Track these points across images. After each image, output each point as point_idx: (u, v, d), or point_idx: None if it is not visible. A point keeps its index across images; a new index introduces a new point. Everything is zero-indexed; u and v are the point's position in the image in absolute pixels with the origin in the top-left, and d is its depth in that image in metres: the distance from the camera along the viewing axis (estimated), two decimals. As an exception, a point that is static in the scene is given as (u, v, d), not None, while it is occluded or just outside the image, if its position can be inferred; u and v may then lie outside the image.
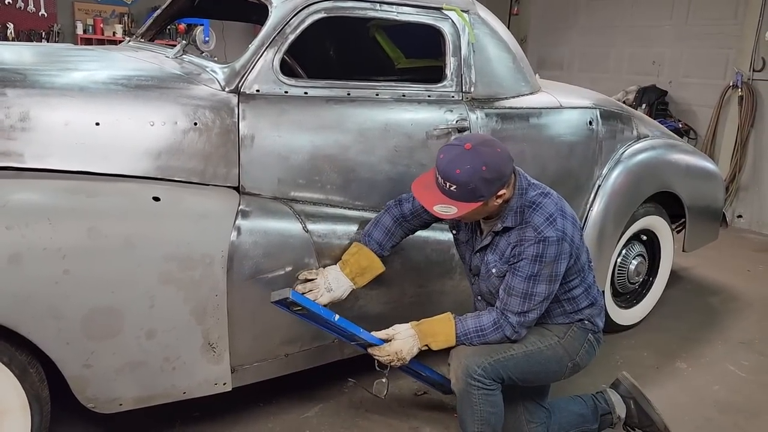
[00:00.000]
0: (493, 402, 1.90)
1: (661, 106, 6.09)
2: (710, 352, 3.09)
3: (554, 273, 1.86)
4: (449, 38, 2.43)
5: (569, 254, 1.88)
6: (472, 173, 1.78)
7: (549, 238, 1.83)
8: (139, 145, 1.90)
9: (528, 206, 1.90)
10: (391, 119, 2.30)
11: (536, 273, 1.84)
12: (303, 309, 1.90)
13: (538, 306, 1.88)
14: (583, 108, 2.90)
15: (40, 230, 1.64)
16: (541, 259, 1.84)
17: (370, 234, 2.13)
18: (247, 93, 2.04)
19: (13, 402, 1.71)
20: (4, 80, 1.82)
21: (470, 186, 1.79)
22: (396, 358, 1.94)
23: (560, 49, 7.35)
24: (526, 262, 1.85)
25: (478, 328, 1.91)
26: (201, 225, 1.90)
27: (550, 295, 1.89)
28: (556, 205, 1.90)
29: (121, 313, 1.76)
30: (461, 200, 1.82)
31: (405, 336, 1.95)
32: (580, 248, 1.96)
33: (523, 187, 1.93)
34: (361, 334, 1.97)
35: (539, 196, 1.92)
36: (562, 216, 1.88)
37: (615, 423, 2.23)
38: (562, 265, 1.87)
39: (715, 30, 5.78)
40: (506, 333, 1.89)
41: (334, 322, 1.94)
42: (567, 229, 1.87)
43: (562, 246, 1.85)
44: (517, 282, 1.87)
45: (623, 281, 3.14)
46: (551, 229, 1.84)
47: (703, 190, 3.46)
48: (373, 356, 1.99)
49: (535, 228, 1.86)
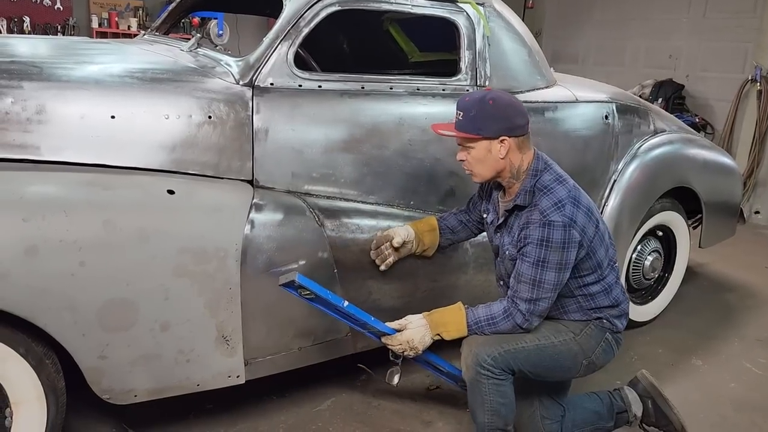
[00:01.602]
0: (503, 392, 1.89)
1: (677, 100, 6.02)
2: (726, 349, 3.06)
3: (563, 261, 1.84)
4: (464, 31, 2.41)
5: (579, 244, 1.85)
6: (478, 101, 1.87)
7: (554, 222, 1.82)
8: (154, 138, 1.91)
9: (539, 189, 1.90)
10: (406, 113, 2.29)
11: (543, 258, 1.83)
12: (311, 293, 1.90)
13: (548, 294, 1.86)
14: (599, 102, 2.87)
15: (57, 223, 1.65)
16: (546, 243, 1.82)
17: (444, 218, 2.28)
18: (261, 86, 2.04)
19: (30, 393, 1.73)
20: (21, 73, 1.83)
21: (472, 113, 1.86)
22: (408, 347, 1.95)
23: (575, 43, 7.29)
24: (532, 247, 1.84)
25: (488, 317, 1.91)
26: (215, 218, 1.90)
27: (559, 284, 1.87)
28: (569, 193, 1.89)
29: (136, 306, 1.77)
30: (461, 129, 1.89)
31: (417, 325, 1.96)
32: (596, 243, 1.92)
33: (538, 169, 1.93)
34: (373, 322, 1.98)
35: (553, 182, 1.91)
36: (574, 204, 1.86)
37: (631, 421, 2.20)
38: (571, 254, 1.85)
39: (733, 23, 5.70)
40: (517, 321, 1.88)
41: (343, 307, 1.94)
42: (577, 217, 1.85)
43: (569, 232, 1.82)
44: (525, 268, 1.86)
45: (638, 277, 3.12)
46: (557, 214, 1.83)
47: (720, 185, 3.42)
48: (386, 345, 2.00)
49: (541, 211, 1.85)
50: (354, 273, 2.19)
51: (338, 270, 2.15)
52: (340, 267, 2.15)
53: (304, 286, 1.88)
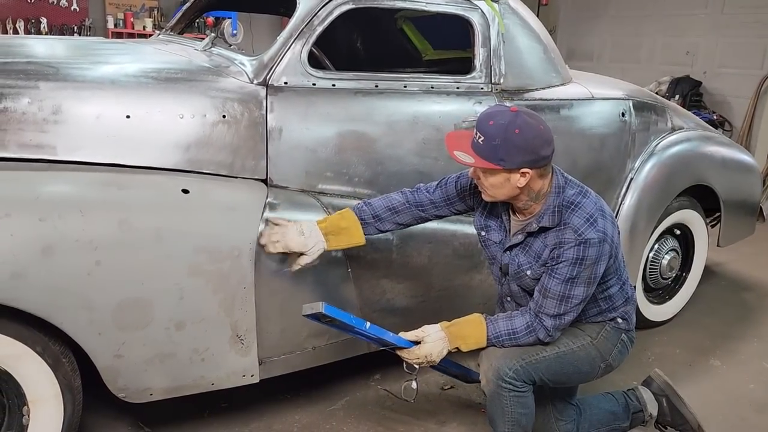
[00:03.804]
0: (524, 403, 1.86)
1: (695, 97, 5.95)
2: (745, 349, 3.01)
3: (593, 275, 1.79)
4: (478, 28, 2.39)
5: (609, 255, 1.81)
6: (503, 130, 1.71)
7: (590, 240, 1.75)
8: (169, 138, 1.91)
9: (567, 206, 1.81)
10: (420, 111, 2.28)
11: (575, 276, 1.77)
12: (335, 320, 1.84)
13: (574, 309, 1.81)
14: (616, 99, 2.84)
15: (73, 222, 1.66)
16: (581, 261, 1.76)
17: (370, 203, 2.02)
18: (275, 85, 2.04)
19: (47, 391, 1.74)
20: (37, 73, 1.84)
21: (495, 141, 1.70)
22: (426, 362, 1.89)
23: (590, 40, 7.23)
24: (565, 265, 1.77)
25: (510, 331, 1.85)
26: (229, 217, 1.90)
27: (587, 298, 1.83)
28: (596, 205, 1.82)
29: (151, 305, 1.78)
30: (482, 155, 1.74)
31: (435, 339, 1.87)
32: (618, 246, 1.89)
33: (560, 185, 1.83)
34: (392, 338, 1.91)
35: (577, 195, 1.83)
36: (602, 216, 1.80)
37: (647, 421, 2.18)
38: (602, 267, 1.80)
39: (752, 19, 5.62)
40: (540, 336, 1.83)
41: (365, 330, 1.89)
42: (608, 229, 1.79)
43: (603, 247, 1.77)
44: (554, 284, 1.79)
45: (655, 276, 3.08)
46: (592, 231, 1.76)
47: (739, 183, 3.37)
48: (403, 359, 1.92)
49: (575, 230, 1.77)
50: (368, 272, 2.19)
51: (352, 269, 2.15)
52: (354, 266, 2.15)
53: (329, 316, 1.80)
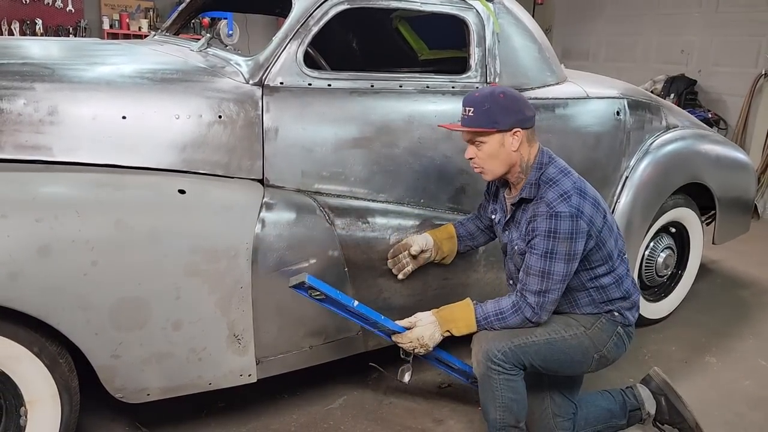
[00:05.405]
0: (514, 388, 1.89)
1: (689, 95, 5.97)
2: (741, 346, 3.02)
3: (572, 251, 1.84)
4: (473, 28, 2.40)
5: (588, 234, 1.86)
6: (489, 96, 1.88)
7: (561, 213, 1.83)
8: (165, 138, 1.92)
9: (545, 182, 1.91)
10: (415, 111, 2.28)
11: (551, 250, 1.83)
12: (321, 294, 1.91)
13: (557, 286, 1.86)
14: (611, 98, 2.85)
15: (69, 222, 1.66)
16: (554, 234, 1.83)
17: (462, 223, 2.29)
18: (271, 85, 2.04)
19: (44, 392, 1.74)
20: (33, 75, 1.84)
21: (485, 106, 1.87)
22: (418, 345, 1.96)
23: (586, 39, 7.24)
24: (540, 239, 1.85)
25: (497, 312, 1.91)
26: (226, 217, 1.91)
27: (568, 275, 1.87)
28: (575, 184, 1.89)
29: (148, 305, 1.78)
30: (475, 124, 1.88)
31: (426, 322, 1.97)
32: (605, 233, 1.92)
33: (543, 162, 1.94)
34: (383, 321, 1.99)
35: (558, 174, 1.92)
36: (580, 195, 1.87)
37: (644, 419, 2.19)
38: (579, 244, 1.85)
39: (746, 17, 5.63)
40: (526, 315, 1.88)
41: (353, 307, 1.95)
42: (584, 208, 1.85)
43: (576, 223, 1.83)
44: (534, 260, 1.87)
45: (651, 274, 3.09)
46: (564, 205, 1.84)
47: (733, 181, 3.38)
48: (396, 343, 2.01)
49: (547, 203, 1.86)
50: (365, 271, 2.19)
51: (349, 268, 2.15)
52: (351, 265, 2.15)
53: (314, 287, 1.88)
